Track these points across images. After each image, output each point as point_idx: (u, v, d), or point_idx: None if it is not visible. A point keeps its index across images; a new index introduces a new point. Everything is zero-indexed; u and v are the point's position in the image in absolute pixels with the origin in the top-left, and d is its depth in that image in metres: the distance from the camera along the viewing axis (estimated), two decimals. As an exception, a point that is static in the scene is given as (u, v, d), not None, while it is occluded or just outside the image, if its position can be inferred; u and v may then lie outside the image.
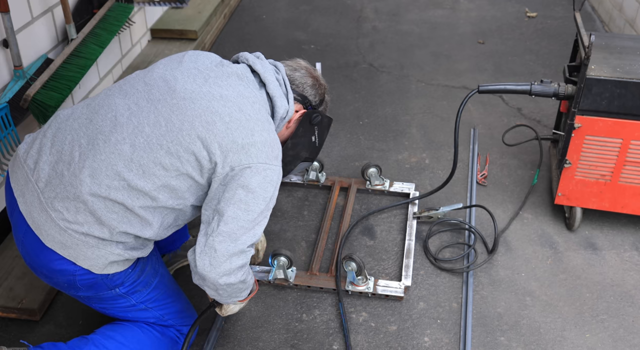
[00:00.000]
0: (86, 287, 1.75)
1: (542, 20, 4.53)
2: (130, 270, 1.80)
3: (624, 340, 2.12)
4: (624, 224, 2.61)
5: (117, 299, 1.83)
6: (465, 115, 3.32)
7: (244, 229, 1.67)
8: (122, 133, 1.66)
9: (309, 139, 2.02)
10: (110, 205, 1.65)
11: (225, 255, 1.66)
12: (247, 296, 1.90)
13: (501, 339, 2.13)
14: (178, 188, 1.69)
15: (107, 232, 1.67)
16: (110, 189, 1.64)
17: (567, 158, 2.41)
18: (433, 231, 2.57)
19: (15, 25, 2.43)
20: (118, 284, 1.79)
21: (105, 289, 1.78)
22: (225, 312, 1.93)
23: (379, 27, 4.45)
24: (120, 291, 1.81)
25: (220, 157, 1.65)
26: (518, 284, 2.34)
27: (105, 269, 1.72)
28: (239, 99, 1.72)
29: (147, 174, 1.65)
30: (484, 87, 2.40)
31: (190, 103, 1.67)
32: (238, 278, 1.72)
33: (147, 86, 1.72)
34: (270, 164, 1.71)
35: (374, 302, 2.27)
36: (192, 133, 1.64)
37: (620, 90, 2.25)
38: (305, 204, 2.75)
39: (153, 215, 1.71)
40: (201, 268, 1.67)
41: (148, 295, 1.89)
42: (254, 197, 1.67)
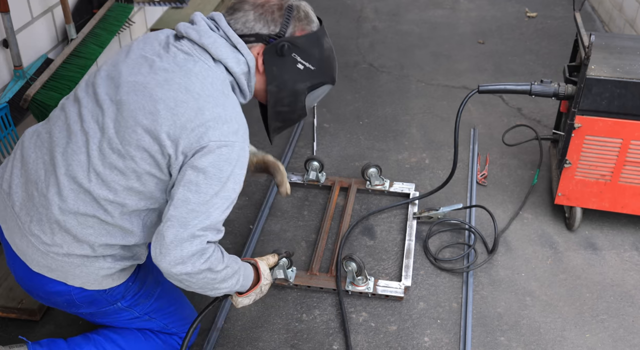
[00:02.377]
0: (86, 304, 1.73)
1: (542, 20, 4.54)
2: (131, 283, 1.76)
3: (624, 340, 2.12)
4: (624, 224, 2.61)
5: (120, 313, 1.81)
6: (465, 115, 3.32)
7: (194, 212, 1.52)
8: (77, 143, 1.58)
9: (294, 70, 1.75)
10: (83, 220, 1.59)
11: (174, 241, 1.51)
12: (247, 290, 1.79)
13: (501, 339, 2.13)
14: (144, 189, 1.59)
15: (89, 248, 1.62)
16: (78, 203, 1.58)
17: (567, 158, 2.41)
18: (433, 231, 2.57)
19: (15, 25, 2.43)
20: (119, 298, 1.75)
21: (107, 304, 1.75)
22: (237, 307, 1.87)
23: (379, 27, 4.45)
24: (122, 305, 1.78)
25: (171, 147, 1.53)
26: (518, 284, 2.34)
27: (100, 284, 1.68)
28: (185, 78, 1.56)
29: (107, 182, 1.57)
30: (484, 87, 2.39)
31: (134, 96, 1.56)
32: (197, 267, 1.55)
33: (94, 87, 1.62)
34: (226, 140, 1.54)
35: (374, 302, 2.27)
36: (138, 128, 1.53)
37: (620, 90, 2.25)
38: (305, 204, 2.75)
39: (130, 221, 1.63)
40: (154, 257, 1.55)
41: (151, 306, 1.86)
42: (205, 177, 1.52)
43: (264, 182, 2.87)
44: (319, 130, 3.25)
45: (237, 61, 1.64)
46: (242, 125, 1.61)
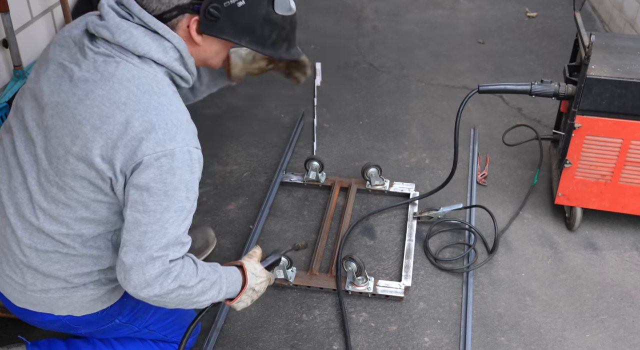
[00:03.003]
0: (82, 325, 1.68)
1: (542, 20, 4.53)
2: (126, 299, 1.70)
3: (625, 341, 2.12)
4: (624, 224, 2.61)
5: (119, 329, 1.77)
6: (465, 115, 3.32)
7: (148, 233, 1.40)
8: (17, 178, 1.49)
9: (239, 20, 1.50)
10: (46, 257, 1.51)
11: (134, 266, 1.41)
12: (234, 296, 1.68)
13: (501, 339, 2.12)
14: (95, 217, 1.48)
15: (63, 281, 1.55)
16: (34, 241, 1.49)
17: (568, 158, 2.41)
18: (433, 231, 2.57)
19: (15, 25, 2.43)
20: (115, 315, 1.70)
21: (104, 323, 1.70)
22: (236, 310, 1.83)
23: (379, 27, 4.45)
24: (120, 321, 1.73)
25: (109, 170, 1.40)
26: (518, 284, 2.34)
27: (88, 309, 1.63)
28: (107, 87, 1.39)
29: (55, 217, 1.47)
30: (484, 87, 2.39)
31: (58, 120, 1.42)
32: (166, 287, 1.44)
33: (22, 112, 1.50)
34: (164, 150, 1.38)
35: (374, 302, 2.27)
36: (69, 157, 1.41)
37: (621, 90, 2.25)
38: (305, 204, 2.75)
39: (96, 246, 1.54)
40: (120, 282, 1.46)
41: (150, 319, 1.81)
42: (150, 194, 1.39)
43: (264, 182, 2.87)
44: (319, 130, 3.25)
45: (163, 50, 1.45)
46: (182, 125, 1.43)
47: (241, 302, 1.72)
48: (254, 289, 1.74)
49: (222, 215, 2.68)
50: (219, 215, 2.68)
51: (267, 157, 3.04)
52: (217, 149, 3.09)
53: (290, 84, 3.76)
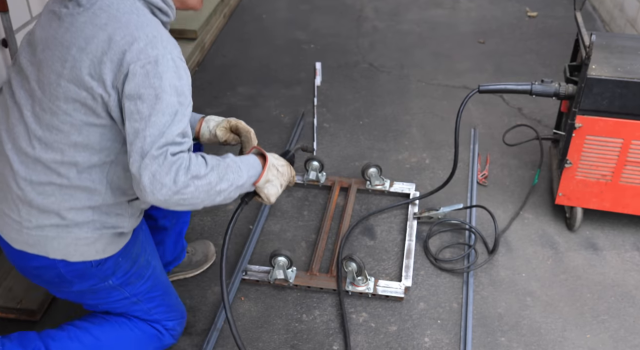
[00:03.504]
0: (77, 278, 1.70)
1: (543, 20, 4.53)
2: (121, 259, 1.74)
3: (625, 341, 2.12)
4: (625, 224, 2.61)
5: (110, 292, 1.78)
6: (466, 115, 3.31)
7: (147, 138, 1.45)
8: (14, 115, 1.59)
9: None
10: (41, 189, 1.58)
11: (142, 172, 1.46)
12: (258, 175, 1.69)
13: (502, 340, 2.12)
14: (89, 142, 1.54)
15: (57, 217, 1.60)
16: (30, 173, 1.57)
17: (568, 158, 2.41)
18: (433, 231, 2.56)
19: (15, 25, 2.43)
20: (109, 274, 1.73)
21: (98, 280, 1.73)
22: (269, 200, 1.76)
23: (379, 27, 4.44)
24: (113, 283, 1.76)
25: (99, 86, 1.48)
26: (519, 284, 2.34)
27: (82, 255, 1.66)
28: (90, 14, 1.50)
29: (50, 144, 1.54)
30: (485, 87, 2.39)
31: (48, 51, 1.52)
32: (181, 181, 1.47)
33: (18, 60, 1.62)
34: (147, 57, 1.46)
35: (374, 302, 2.26)
36: (61, 80, 1.50)
37: (621, 90, 2.24)
38: (305, 204, 2.74)
39: (91, 179, 1.59)
40: (141, 198, 1.50)
41: (141, 288, 1.83)
42: (142, 101, 1.45)
43: (263, 182, 2.86)
44: (319, 130, 3.25)
45: None
46: (163, 36, 1.51)
47: (269, 183, 1.73)
48: (277, 169, 1.76)
49: (222, 215, 2.67)
50: (219, 215, 2.67)
51: (267, 157, 3.03)
52: (217, 148, 3.08)
53: (291, 84, 3.78)
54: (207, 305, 2.25)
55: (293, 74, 3.79)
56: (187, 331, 2.14)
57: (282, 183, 1.79)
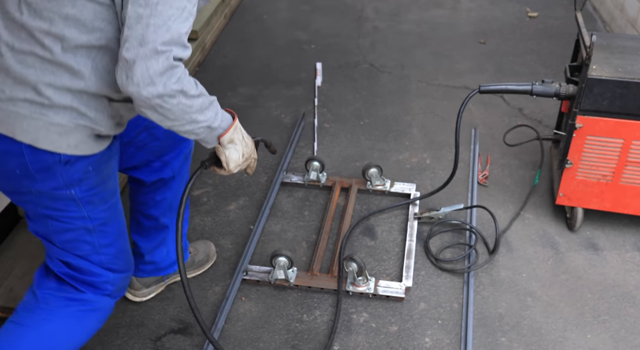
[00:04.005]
0: (41, 172, 1.57)
1: (544, 20, 4.53)
2: (90, 169, 1.62)
3: (626, 341, 2.12)
4: (626, 224, 2.61)
5: (69, 205, 1.64)
6: (466, 116, 3.31)
7: (151, 27, 1.39)
8: None
9: None
10: (22, 58, 1.48)
11: (137, 60, 1.40)
12: (227, 128, 1.65)
13: (502, 340, 2.12)
14: (81, 17, 1.46)
15: (32, 91, 1.49)
16: (13, 39, 1.47)
17: (569, 158, 2.41)
18: (434, 232, 2.57)
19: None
20: (75, 180, 1.60)
21: (62, 183, 1.60)
22: (227, 166, 1.72)
23: (380, 27, 4.45)
24: (76, 194, 1.62)
25: None
26: (519, 284, 2.34)
27: (51, 143, 1.53)
28: None
29: (39, 11, 1.45)
30: (485, 87, 2.39)
31: None
32: (169, 87, 1.43)
33: None
34: None
35: (375, 302, 2.26)
36: None
37: (622, 90, 2.24)
38: (306, 205, 2.75)
39: (75, 59, 1.49)
40: (122, 86, 1.43)
41: (100, 213, 1.70)
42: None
43: (264, 182, 2.87)
44: (319, 131, 3.25)
45: None
46: None
47: (232, 145, 1.69)
48: (243, 135, 1.73)
49: (222, 216, 2.67)
50: (220, 215, 2.68)
51: (268, 157, 3.04)
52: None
53: (291, 85, 3.78)
54: (208, 305, 2.25)
55: (294, 75, 3.79)
56: (187, 331, 2.15)
57: (244, 153, 1.74)
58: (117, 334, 2.14)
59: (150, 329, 2.16)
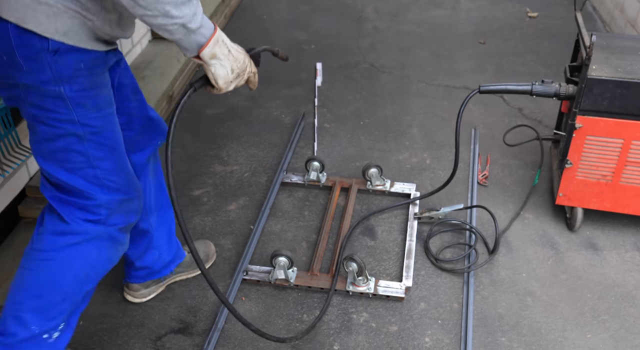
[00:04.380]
0: (29, 61, 1.48)
1: (543, 21, 4.53)
2: (82, 66, 1.53)
3: (625, 341, 2.12)
4: (625, 224, 2.61)
5: (58, 105, 1.55)
6: (466, 116, 3.32)
7: None
8: None
9: None
10: None
11: None
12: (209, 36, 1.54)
13: (502, 340, 2.12)
14: None
15: None
16: None
17: (568, 158, 2.41)
18: (434, 231, 2.57)
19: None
20: (64, 75, 1.51)
21: (50, 77, 1.50)
22: (217, 84, 1.64)
23: (380, 27, 4.45)
24: (65, 92, 1.53)
25: None
26: (519, 284, 2.34)
27: (39, 25, 1.45)
28: None
29: None
30: (485, 87, 2.39)
31: None
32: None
33: None
34: None
35: (375, 302, 2.26)
36: None
37: (622, 90, 2.24)
38: (306, 205, 2.75)
39: None
40: None
41: (92, 121, 1.60)
42: None
43: (264, 182, 2.87)
44: (319, 131, 3.25)
45: None
46: None
47: (216, 61, 1.59)
48: (228, 48, 1.62)
49: (222, 216, 2.68)
50: (220, 215, 2.68)
51: (268, 158, 3.04)
52: (218, 149, 3.09)
53: (291, 85, 3.77)
54: (208, 305, 2.25)
55: (294, 75, 3.80)
56: (187, 331, 2.15)
57: (234, 68, 1.63)
58: (117, 334, 2.14)
59: (150, 329, 2.16)
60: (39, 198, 2.55)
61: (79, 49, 1.52)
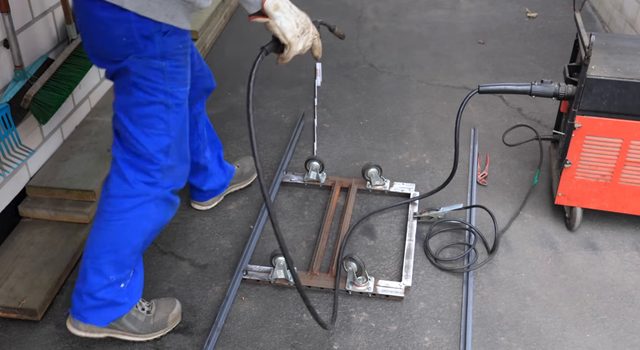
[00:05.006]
0: (144, 39, 1.74)
1: (543, 21, 4.54)
2: (181, 46, 1.83)
3: (625, 341, 2.12)
4: (624, 224, 2.61)
5: (158, 76, 1.83)
6: (466, 116, 3.32)
7: None
8: None
9: None
10: None
11: None
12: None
13: (501, 339, 2.13)
14: None
15: None
16: None
17: (568, 158, 2.41)
18: (433, 231, 2.57)
19: (16, 26, 2.43)
20: (168, 53, 1.80)
21: (158, 53, 1.78)
22: (285, 37, 1.75)
23: (380, 27, 4.45)
24: (166, 66, 1.82)
25: None
26: (518, 284, 2.35)
27: (153, 12, 1.71)
28: None
29: None
30: (485, 87, 2.40)
31: None
32: None
33: None
34: None
35: (374, 302, 2.27)
36: None
37: (621, 90, 2.25)
38: (306, 204, 2.75)
39: None
40: None
41: (178, 94, 1.90)
42: None
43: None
44: (319, 131, 3.25)
45: None
46: None
47: (280, 12, 1.72)
48: (291, 5, 1.76)
49: (222, 215, 2.68)
50: (220, 215, 2.68)
51: (268, 157, 3.04)
52: (218, 149, 3.09)
53: (291, 85, 3.77)
54: (208, 304, 2.26)
55: (293, 75, 3.80)
56: (187, 331, 2.15)
57: (298, 22, 1.76)
58: (118, 334, 2.14)
59: (150, 329, 2.16)
60: (39, 198, 2.55)
61: (180, 30, 1.81)
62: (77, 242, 2.42)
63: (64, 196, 2.54)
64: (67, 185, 2.55)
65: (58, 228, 2.49)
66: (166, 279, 2.36)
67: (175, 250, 2.50)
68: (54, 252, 2.37)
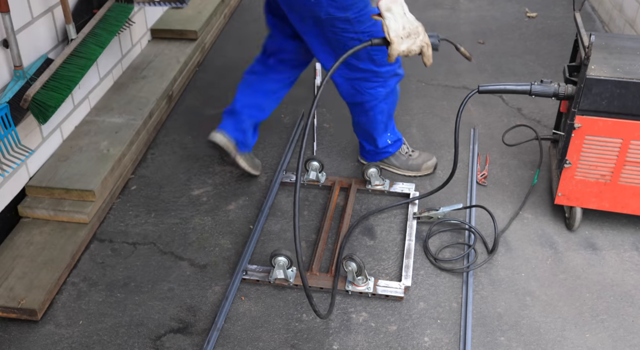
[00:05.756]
0: None
1: (542, 21, 4.54)
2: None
3: (624, 340, 2.12)
4: (624, 224, 2.61)
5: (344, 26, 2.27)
6: (465, 116, 3.32)
7: None
8: None
9: None
10: None
11: None
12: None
13: (501, 339, 2.13)
14: None
15: None
16: None
17: (567, 158, 2.41)
18: (433, 231, 2.57)
19: (16, 25, 2.43)
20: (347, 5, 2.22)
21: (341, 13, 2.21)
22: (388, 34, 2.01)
23: (379, 27, 4.45)
24: (350, 16, 2.24)
25: None
26: (518, 284, 2.35)
27: None
28: None
29: None
30: (484, 87, 2.40)
31: None
32: None
33: None
34: None
35: (374, 302, 2.27)
36: None
37: (620, 90, 2.25)
38: (306, 204, 2.75)
39: None
40: None
41: (369, 28, 2.30)
42: None
43: (264, 182, 2.87)
44: (319, 131, 3.25)
45: None
46: None
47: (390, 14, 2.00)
48: (404, 7, 2.03)
49: (222, 215, 2.68)
50: (219, 215, 2.68)
51: (268, 157, 3.04)
52: (218, 149, 3.09)
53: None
54: (208, 304, 2.26)
55: (293, 75, 3.79)
56: (187, 331, 2.15)
57: (405, 26, 2.02)
58: (117, 334, 2.14)
59: (150, 329, 2.16)
60: (39, 198, 2.55)
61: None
62: (76, 242, 2.42)
63: (63, 196, 2.54)
64: (66, 185, 2.55)
65: (57, 228, 2.49)
66: (166, 278, 2.36)
67: (175, 250, 2.50)
68: (54, 252, 2.37)
